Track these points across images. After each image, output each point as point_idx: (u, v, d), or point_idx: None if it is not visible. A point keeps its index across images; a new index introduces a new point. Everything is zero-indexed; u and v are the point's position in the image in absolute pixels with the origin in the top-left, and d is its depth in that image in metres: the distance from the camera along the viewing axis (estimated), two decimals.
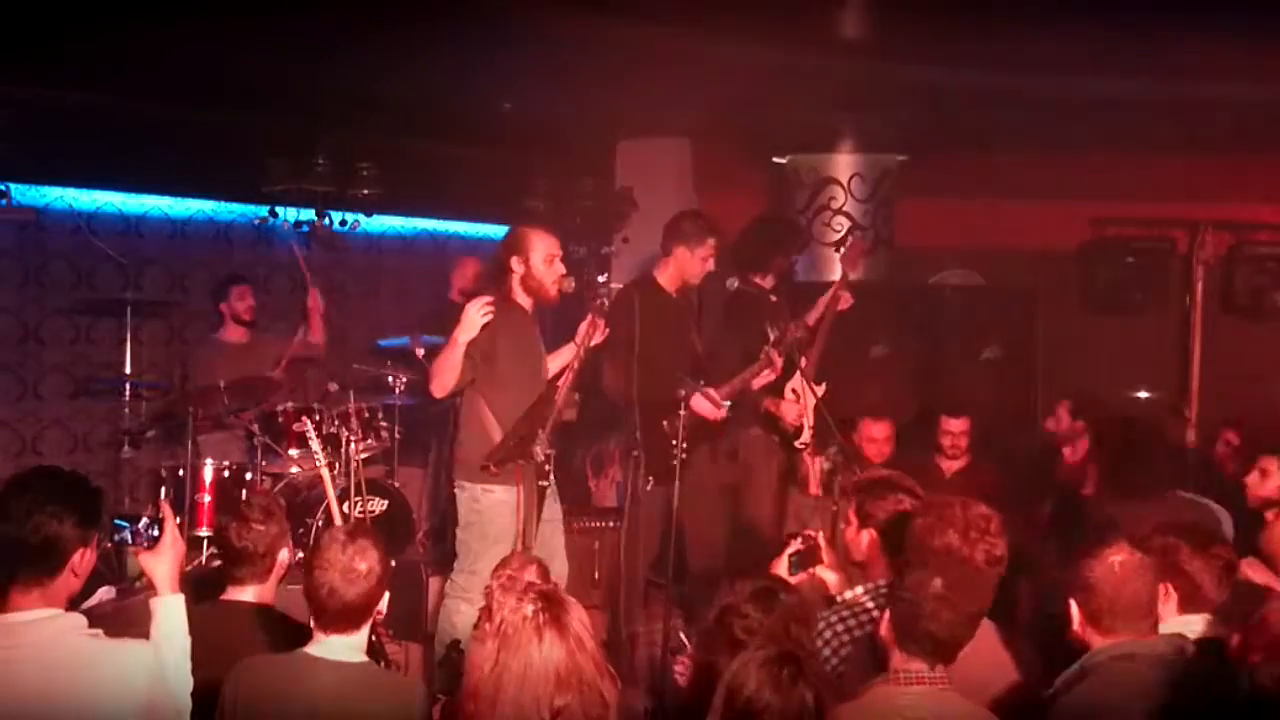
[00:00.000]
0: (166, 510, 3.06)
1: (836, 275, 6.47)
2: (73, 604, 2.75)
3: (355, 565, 2.90)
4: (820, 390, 5.58)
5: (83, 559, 2.69)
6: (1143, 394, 8.41)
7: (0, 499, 2.66)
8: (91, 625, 2.71)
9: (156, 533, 2.99)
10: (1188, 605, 3.21)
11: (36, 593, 2.62)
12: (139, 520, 5.69)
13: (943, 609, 2.72)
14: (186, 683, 2.83)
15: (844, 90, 6.48)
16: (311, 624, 2.95)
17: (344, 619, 2.91)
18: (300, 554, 5.76)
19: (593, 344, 4.82)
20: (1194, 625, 3.15)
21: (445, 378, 4.69)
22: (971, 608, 2.82)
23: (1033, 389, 8.08)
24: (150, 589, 2.96)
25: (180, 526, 5.61)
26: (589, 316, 4.81)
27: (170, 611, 2.88)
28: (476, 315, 4.60)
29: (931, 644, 2.73)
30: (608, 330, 4.87)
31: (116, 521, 5.69)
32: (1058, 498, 5.90)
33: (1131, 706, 2.69)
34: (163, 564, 2.92)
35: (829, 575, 3.68)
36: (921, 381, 7.65)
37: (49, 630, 2.59)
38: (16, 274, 6.69)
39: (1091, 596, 2.90)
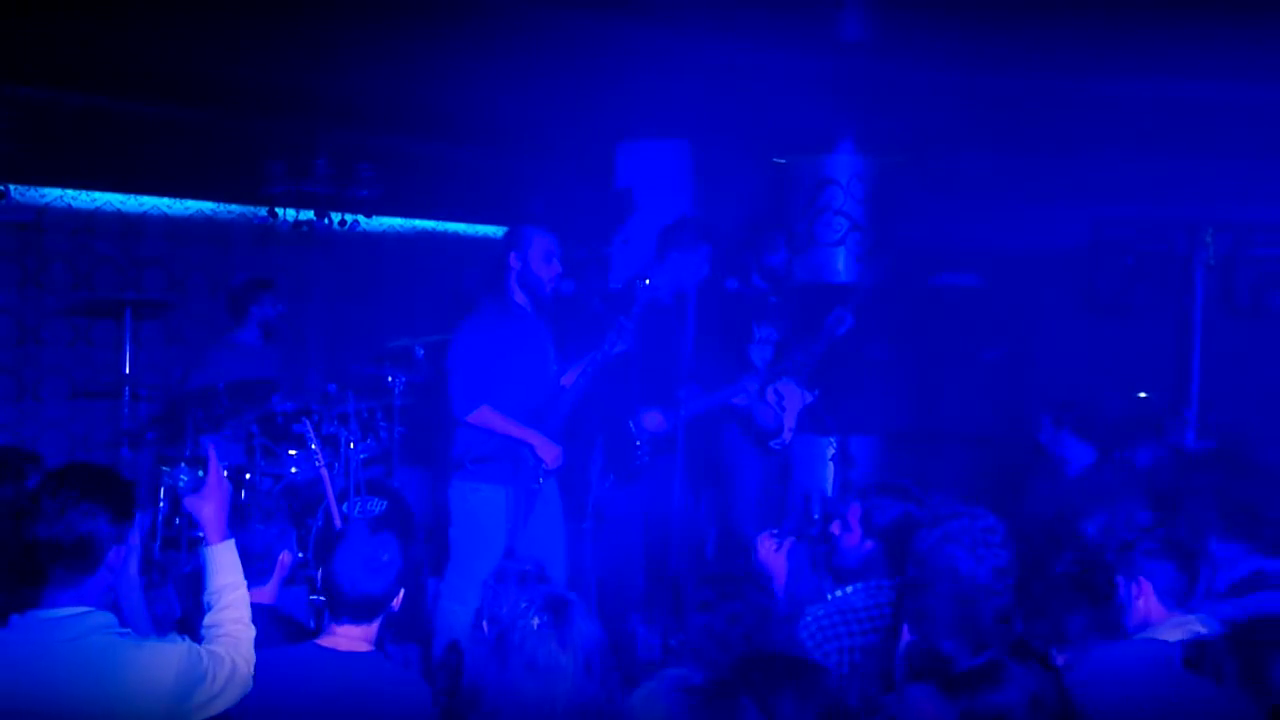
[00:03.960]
0: (210, 451, 3.01)
1: (836, 276, 6.47)
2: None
3: (378, 557, 2.91)
4: (809, 395, 5.58)
5: (118, 555, 2.64)
6: (1143, 394, 8.41)
7: (33, 497, 2.62)
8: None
9: (201, 475, 2.91)
10: (1164, 601, 3.20)
11: (70, 592, 2.58)
12: (178, 464, 5.65)
13: (963, 655, 2.72)
14: (248, 634, 2.77)
15: (844, 90, 6.47)
16: (325, 613, 2.96)
17: (362, 610, 2.92)
18: (301, 554, 5.78)
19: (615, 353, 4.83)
20: (1192, 623, 3.14)
21: (485, 420, 4.69)
22: (984, 643, 2.81)
23: (1032, 391, 8.07)
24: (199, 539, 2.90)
25: (178, 529, 5.70)
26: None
27: (223, 560, 2.83)
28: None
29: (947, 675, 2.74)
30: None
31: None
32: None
33: (1144, 708, 2.68)
34: (209, 507, 2.85)
35: None
36: (920, 384, 7.65)
37: (79, 628, 2.55)
38: (15, 275, 6.70)
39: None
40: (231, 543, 2.86)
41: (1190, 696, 2.70)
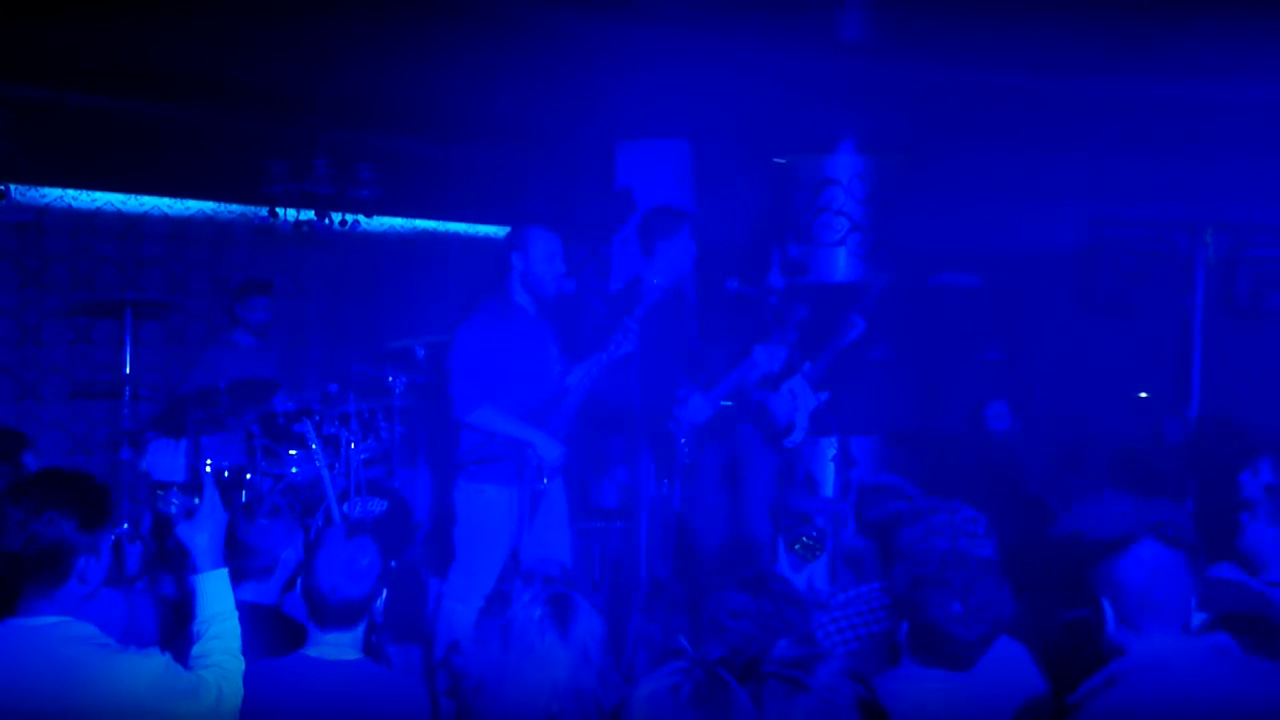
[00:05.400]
0: (206, 476, 2.95)
1: (836, 277, 6.47)
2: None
3: (357, 561, 2.90)
4: (822, 397, 5.59)
5: (90, 565, 2.55)
6: (1143, 395, 8.41)
7: None
8: None
9: (197, 501, 2.84)
10: None
11: (42, 604, 2.52)
12: (171, 490, 5.64)
13: (964, 628, 2.72)
14: (236, 666, 2.70)
15: (844, 90, 6.48)
16: (308, 623, 2.94)
17: (344, 616, 2.90)
18: (301, 554, 5.78)
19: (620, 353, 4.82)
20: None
21: (486, 421, 4.69)
22: (990, 620, 2.81)
23: (1033, 392, 8.08)
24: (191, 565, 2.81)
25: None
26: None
27: (213, 589, 2.75)
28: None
29: (951, 660, 2.74)
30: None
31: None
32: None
33: (1164, 713, 2.64)
34: (202, 534, 2.77)
35: None
36: (921, 384, 7.65)
37: (55, 637, 2.50)
38: (15, 275, 6.70)
39: (1121, 594, 2.88)
40: (224, 571, 2.80)
41: (1253, 687, 2.67)
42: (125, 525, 5.70)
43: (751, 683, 2.19)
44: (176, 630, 3.16)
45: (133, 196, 7.14)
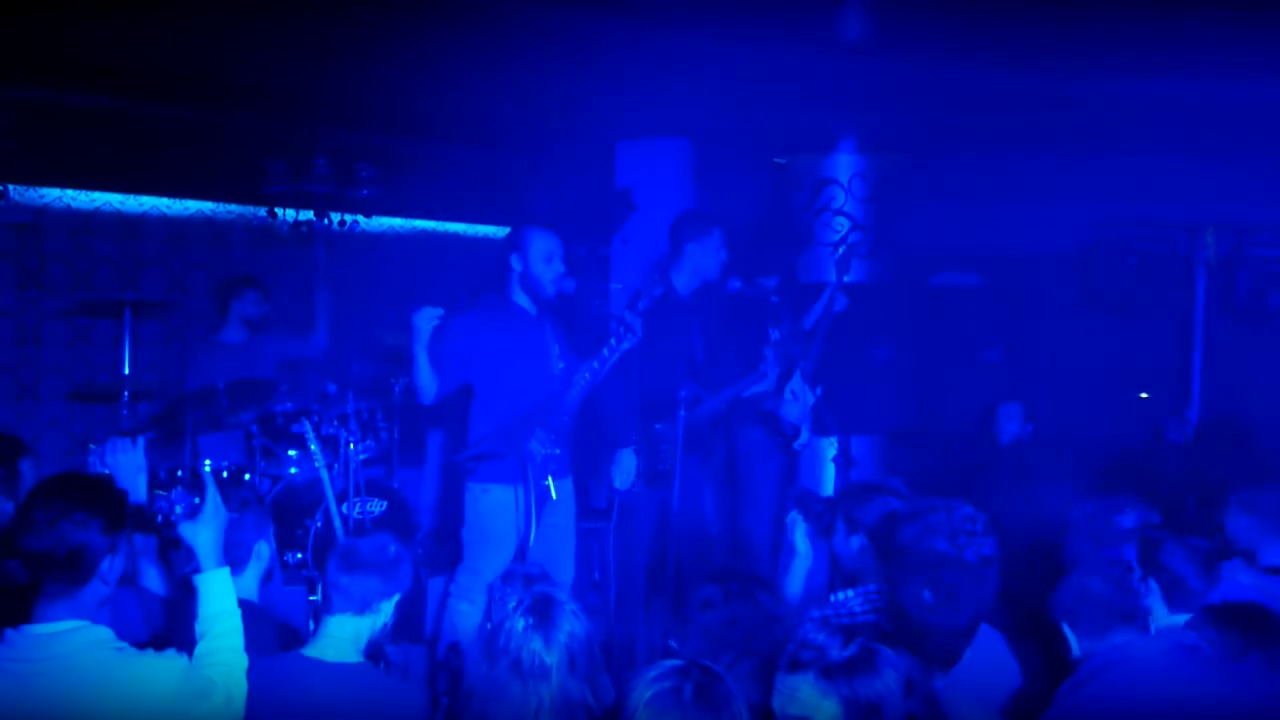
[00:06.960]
0: (207, 477, 2.99)
1: (835, 277, 6.47)
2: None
3: (385, 550, 2.98)
4: (817, 392, 5.59)
5: (111, 565, 2.60)
6: (1143, 395, 8.41)
7: (23, 509, 2.57)
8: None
9: (197, 501, 2.88)
10: (1173, 600, 3.19)
11: (63, 604, 2.54)
12: (174, 488, 5.63)
13: (938, 620, 2.72)
14: (241, 664, 2.73)
15: (844, 90, 6.47)
16: (318, 614, 2.95)
17: (358, 601, 2.93)
18: (300, 554, 5.77)
19: (624, 349, 4.80)
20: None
21: (423, 386, 4.70)
22: (968, 613, 2.81)
23: (1033, 392, 8.06)
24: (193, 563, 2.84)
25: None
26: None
27: (215, 588, 2.78)
28: (423, 324, 4.59)
29: (931, 653, 2.73)
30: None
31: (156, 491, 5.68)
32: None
33: (1134, 710, 2.67)
34: (205, 533, 2.81)
35: None
36: (921, 384, 7.64)
37: (75, 643, 2.51)
38: (15, 275, 6.69)
39: (1076, 614, 2.90)
40: (226, 571, 2.82)
41: (1223, 683, 2.69)
42: (163, 494, 5.68)
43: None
44: (168, 627, 3.16)
45: (132, 196, 7.13)
